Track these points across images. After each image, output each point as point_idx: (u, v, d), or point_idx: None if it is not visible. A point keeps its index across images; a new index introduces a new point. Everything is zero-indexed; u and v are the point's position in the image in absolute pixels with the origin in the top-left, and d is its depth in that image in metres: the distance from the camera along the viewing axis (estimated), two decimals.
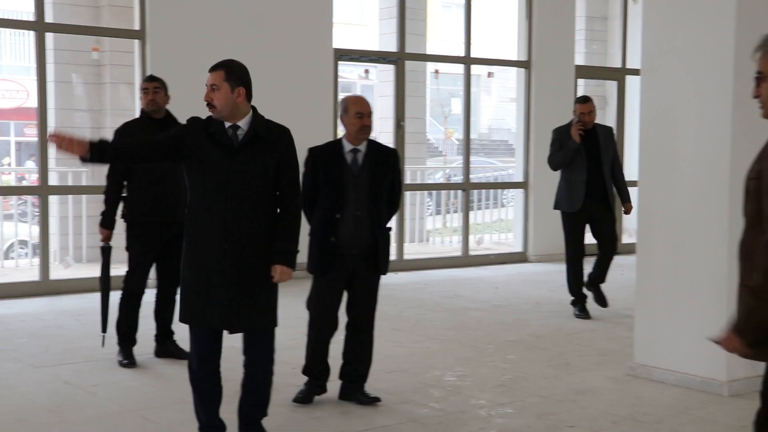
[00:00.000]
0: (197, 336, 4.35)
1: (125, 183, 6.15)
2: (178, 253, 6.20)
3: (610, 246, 8.06)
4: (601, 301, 8.11)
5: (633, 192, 7.04)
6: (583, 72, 12.92)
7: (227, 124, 4.26)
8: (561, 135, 8.04)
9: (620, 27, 13.26)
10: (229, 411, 4.54)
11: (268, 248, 4.27)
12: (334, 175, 5.12)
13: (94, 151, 4.14)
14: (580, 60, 13.58)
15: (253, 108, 4.35)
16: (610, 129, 8.31)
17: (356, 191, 5.13)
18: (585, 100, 8.06)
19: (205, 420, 4.43)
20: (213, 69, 4.27)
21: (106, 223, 6.17)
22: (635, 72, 11.42)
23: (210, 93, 4.23)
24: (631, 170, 8.33)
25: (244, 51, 8.91)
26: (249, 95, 4.30)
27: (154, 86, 6.24)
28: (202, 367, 4.37)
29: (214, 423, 4.44)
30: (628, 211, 8.14)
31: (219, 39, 9.14)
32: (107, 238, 6.20)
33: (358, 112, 5.11)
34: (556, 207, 8.16)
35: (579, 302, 8.12)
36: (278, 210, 4.35)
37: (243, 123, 4.27)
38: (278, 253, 4.28)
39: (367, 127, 5.15)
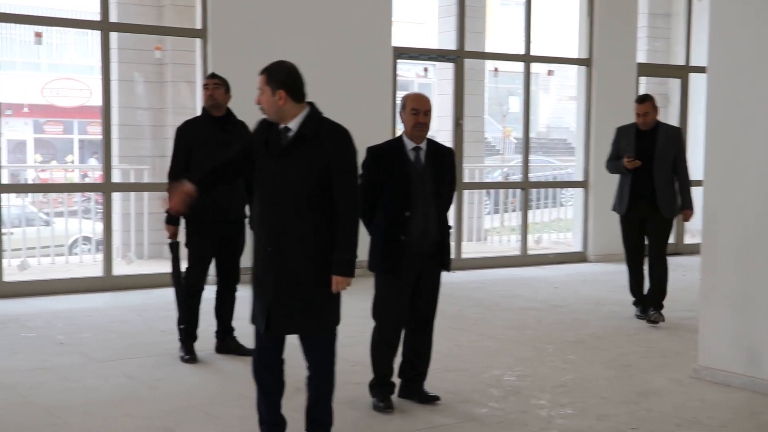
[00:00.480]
0: (259, 333, 4.38)
1: None
2: (234, 252, 6.31)
3: (655, 250, 7.74)
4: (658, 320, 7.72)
5: (697, 192, 6.91)
6: (646, 70, 12.72)
7: (281, 126, 4.26)
8: (621, 136, 7.89)
9: (684, 24, 13.03)
10: (288, 408, 4.56)
11: (319, 252, 4.20)
12: (399, 173, 5.08)
13: (199, 191, 4.37)
14: (642, 58, 13.37)
15: (311, 106, 4.27)
16: (676, 130, 7.97)
17: (423, 189, 5.10)
18: (642, 99, 7.74)
19: (266, 415, 4.45)
20: (260, 73, 4.29)
21: (171, 220, 6.25)
22: (699, 70, 11.26)
23: (259, 96, 4.27)
24: (694, 170, 8.18)
25: (305, 50, 9.01)
26: (294, 96, 4.21)
27: (213, 83, 6.31)
28: (263, 363, 4.40)
29: (274, 419, 4.46)
30: (686, 219, 7.85)
31: (279, 38, 9.21)
32: (173, 235, 6.28)
33: (413, 108, 5.08)
34: (612, 209, 8.03)
35: (640, 303, 7.99)
36: (334, 214, 4.22)
37: (293, 124, 4.23)
38: (335, 262, 4.21)
39: (422, 125, 5.09)
